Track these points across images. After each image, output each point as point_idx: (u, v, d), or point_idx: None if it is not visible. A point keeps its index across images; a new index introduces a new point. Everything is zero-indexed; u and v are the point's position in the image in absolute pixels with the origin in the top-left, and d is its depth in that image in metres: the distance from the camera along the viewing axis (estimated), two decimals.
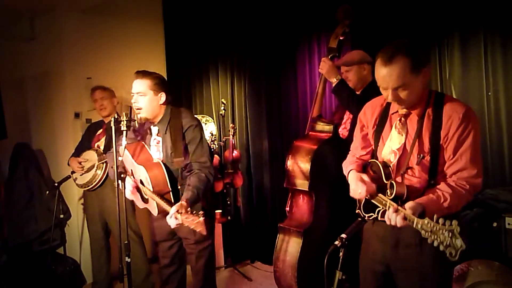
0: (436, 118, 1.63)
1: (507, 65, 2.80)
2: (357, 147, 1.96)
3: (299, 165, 2.58)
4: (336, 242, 1.61)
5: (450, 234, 1.32)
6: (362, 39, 3.20)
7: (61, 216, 3.31)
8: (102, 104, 3.39)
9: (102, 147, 3.36)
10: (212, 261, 2.59)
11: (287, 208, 2.85)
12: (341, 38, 2.68)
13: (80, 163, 3.32)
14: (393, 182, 1.61)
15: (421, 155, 1.64)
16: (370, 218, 1.72)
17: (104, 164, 3.28)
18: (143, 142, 2.49)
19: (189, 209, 2.07)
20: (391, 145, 1.73)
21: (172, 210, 2.09)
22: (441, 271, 1.68)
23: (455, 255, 1.32)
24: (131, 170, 2.40)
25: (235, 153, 3.98)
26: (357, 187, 1.71)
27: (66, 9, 3.80)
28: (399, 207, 1.52)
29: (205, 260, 2.49)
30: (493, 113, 2.87)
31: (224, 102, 4.03)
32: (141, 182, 2.36)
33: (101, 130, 3.44)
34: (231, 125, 4.02)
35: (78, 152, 3.44)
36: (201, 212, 2.00)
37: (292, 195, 2.69)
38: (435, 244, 1.36)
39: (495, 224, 2.60)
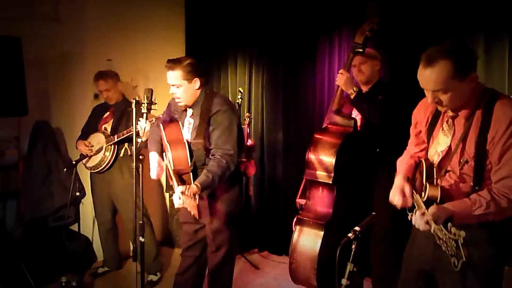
0: (485, 120, 1.53)
1: None
2: (412, 144, 1.92)
3: (323, 158, 2.56)
4: (350, 235, 1.63)
5: (455, 244, 1.33)
6: (383, 37, 3.17)
7: (77, 194, 3.38)
8: (107, 95, 3.43)
9: (109, 130, 3.41)
10: (230, 256, 2.56)
11: (298, 200, 2.86)
12: (368, 34, 2.66)
13: (88, 145, 3.37)
14: (427, 184, 1.58)
15: (465, 159, 1.56)
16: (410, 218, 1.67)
17: (113, 146, 3.32)
18: (179, 122, 2.52)
19: (192, 192, 2.09)
20: (437, 147, 1.70)
21: (178, 189, 2.11)
22: (485, 275, 1.58)
23: (457, 265, 1.32)
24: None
25: (250, 142, 4.00)
26: (394, 196, 1.71)
27: None
28: (425, 210, 1.49)
29: (222, 253, 2.49)
30: None
31: (242, 91, 4.04)
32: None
33: (108, 113, 3.48)
34: (247, 114, 4.03)
35: (84, 135, 3.49)
36: (198, 196, 2.06)
37: (311, 187, 2.67)
38: (447, 252, 1.36)
39: None
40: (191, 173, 2.34)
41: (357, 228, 1.63)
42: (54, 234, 3.52)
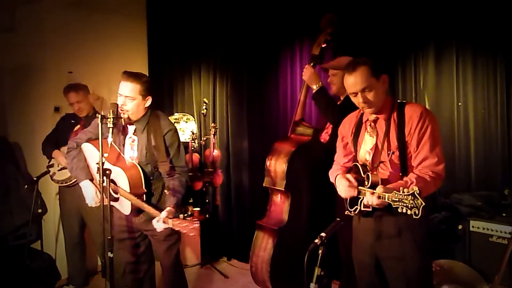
0: (400, 119, 1.95)
1: (476, 78, 3.00)
2: (340, 156, 2.23)
3: (277, 165, 2.68)
4: (316, 240, 1.72)
5: (412, 197, 1.63)
6: (343, 48, 3.32)
7: (39, 211, 3.28)
8: (79, 107, 3.41)
9: None
10: (179, 255, 2.66)
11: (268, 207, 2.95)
12: (323, 46, 2.78)
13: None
14: (368, 174, 1.92)
15: (392, 150, 1.94)
16: (355, 212, 2.00)
17: None
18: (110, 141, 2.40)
19: (181, 215, 2.18)
20: (365, 147, 2.06)
21: (163, 215, 2.21)
22: (421, 258, 1.94)
23: (418, 213, 1.61)
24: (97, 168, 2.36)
25: (216, 152, 4.04)
26: (340, 183, 2.00)
27: (49, 1, 3.76)
28: (374, 191, 1.83)
29: (174, 254, 2.57)
30: (462, 123, 3.06)
31: (206, 101, 4.08)
32: (113, 182, 2.40)
33: (78, 126, 3.43)
34: (212, 124, 4.07)
35: (51, 142, 3.41)
36: (196, 219, 2.18)
37: (271, 194, 2.78)
38: (404, 210, 1.65)
39: (460, 227, 2.78)
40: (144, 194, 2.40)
41: (323, 234, 1.72)
42: (15, 253, 3.39)
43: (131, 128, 2.50)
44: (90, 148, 2.51)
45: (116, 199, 2.44)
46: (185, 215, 4.17)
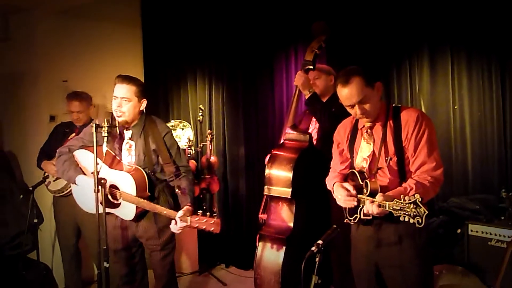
0: (396, 124, 1.93)
1: (471, 82, 3.00)
2: (337, 163, 2.20)
3: (280, 173, 2.62)
4: (313, 248, 1.70)
5: (415, 205, 1.58)
6: (336, 53, 3.33)
7: (35, 220, 3.25)
8: (78, 117, 3.36)
9: None
10: (174, 264, 2.64)
11: (261, 215, 2.91)
12: (317, 52, 2.78)
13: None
14: (367, 181, 1.87)
15: (389, 156, 1.91)
16: (355, 221, 1.96)
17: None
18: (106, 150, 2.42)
19: (199, 211, 2.19)
20: (362, 154, 2.00)
21: (180, 213, 2.20)
22: (421, 265, 1.90)
23: (422, 222, 1.57)
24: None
25: (212, 159, 4.02)
26: (338, 192, 1.96)
27: (42, 9, 3.75)
28: (373, 199, 1.78)
29: (169, 263, 2.56)
30: (459, 126, 3.06)
31: (202, 108, 4.07)
32: (113, 186, 2.39)
33: (73, 134, 3.40)
34: (208, 131, 4.06)
35: (46, 155, 3.38)
36: (215, 214, 2.12)
37: (271, 202, 2.72)
38: (406, 219, 1.61)
39: (459, 231, 2.77)
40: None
41: (319, 242, 1.70)
42: (10, 264, 3.35)
43: (127, 134, 2.50)
44: (86, 154, 2.50)
45: (117, 205, 2.41)
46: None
